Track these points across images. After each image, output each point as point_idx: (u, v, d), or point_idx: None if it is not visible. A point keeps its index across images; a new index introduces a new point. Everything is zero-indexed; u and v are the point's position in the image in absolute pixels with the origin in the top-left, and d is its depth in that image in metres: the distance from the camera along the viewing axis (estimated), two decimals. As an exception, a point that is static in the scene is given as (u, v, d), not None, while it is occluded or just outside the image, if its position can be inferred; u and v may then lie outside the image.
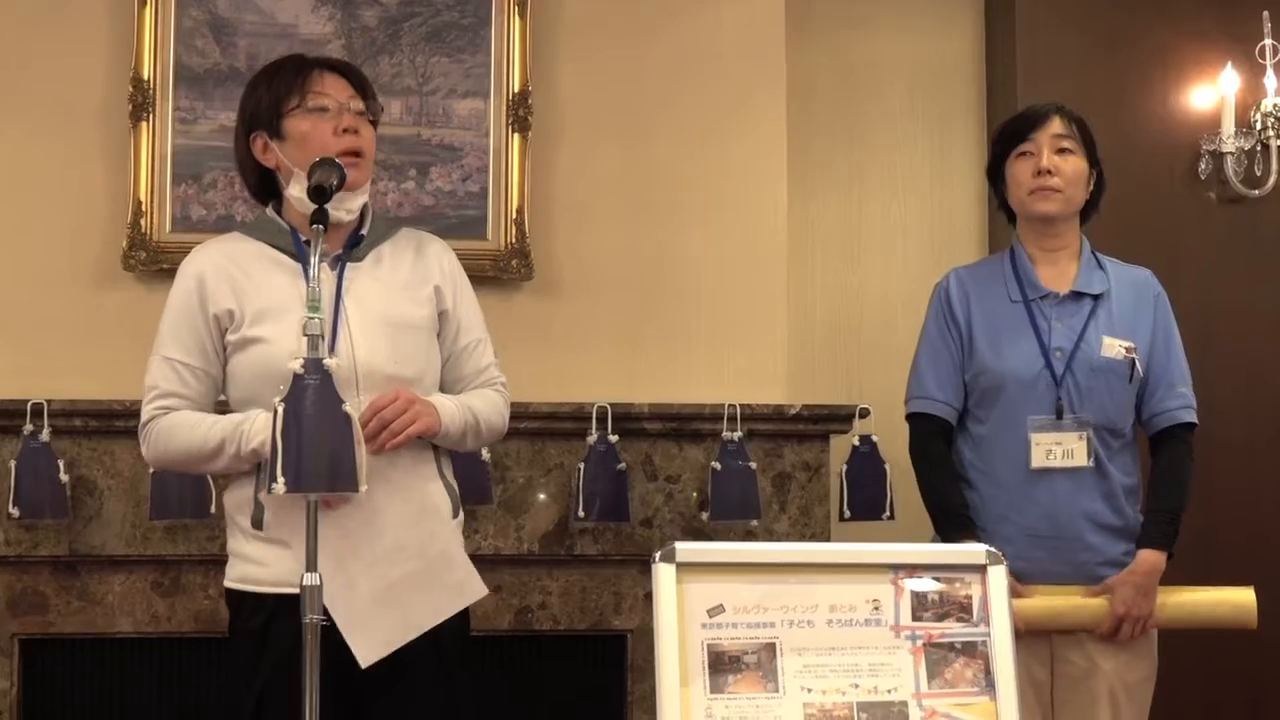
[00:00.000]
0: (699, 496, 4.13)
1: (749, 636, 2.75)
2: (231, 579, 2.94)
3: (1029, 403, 3.34)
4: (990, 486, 3.39)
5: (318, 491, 2.60)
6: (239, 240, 2.99)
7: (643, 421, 4.11)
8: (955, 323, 3.44)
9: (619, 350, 4.22)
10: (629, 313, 4.24)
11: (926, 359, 3.48)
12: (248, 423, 2.81)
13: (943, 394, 3.45)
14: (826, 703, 2.74)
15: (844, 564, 2.84)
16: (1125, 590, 3.31)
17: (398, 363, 2.90)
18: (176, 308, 2.93)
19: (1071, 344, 3.35)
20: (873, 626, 2.79)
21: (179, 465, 3.00)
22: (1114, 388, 3.35)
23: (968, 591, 2.83)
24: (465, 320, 3.05)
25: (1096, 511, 3.35)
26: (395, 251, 3.02)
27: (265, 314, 2.87)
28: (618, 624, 4.12)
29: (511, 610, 4.08)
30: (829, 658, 2.77)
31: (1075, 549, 3.34)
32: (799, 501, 4.18)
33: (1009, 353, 3.37)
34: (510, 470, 4.08)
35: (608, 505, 4.02)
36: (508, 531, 4.08)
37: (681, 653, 2.72)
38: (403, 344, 2.93)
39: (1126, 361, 3.35)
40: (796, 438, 4.18)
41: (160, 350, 2.93)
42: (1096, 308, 3.38)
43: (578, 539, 4.10)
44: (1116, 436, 3.37)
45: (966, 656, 2.80)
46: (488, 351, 3.09)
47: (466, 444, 3.03)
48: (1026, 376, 3.35)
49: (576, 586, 4.12)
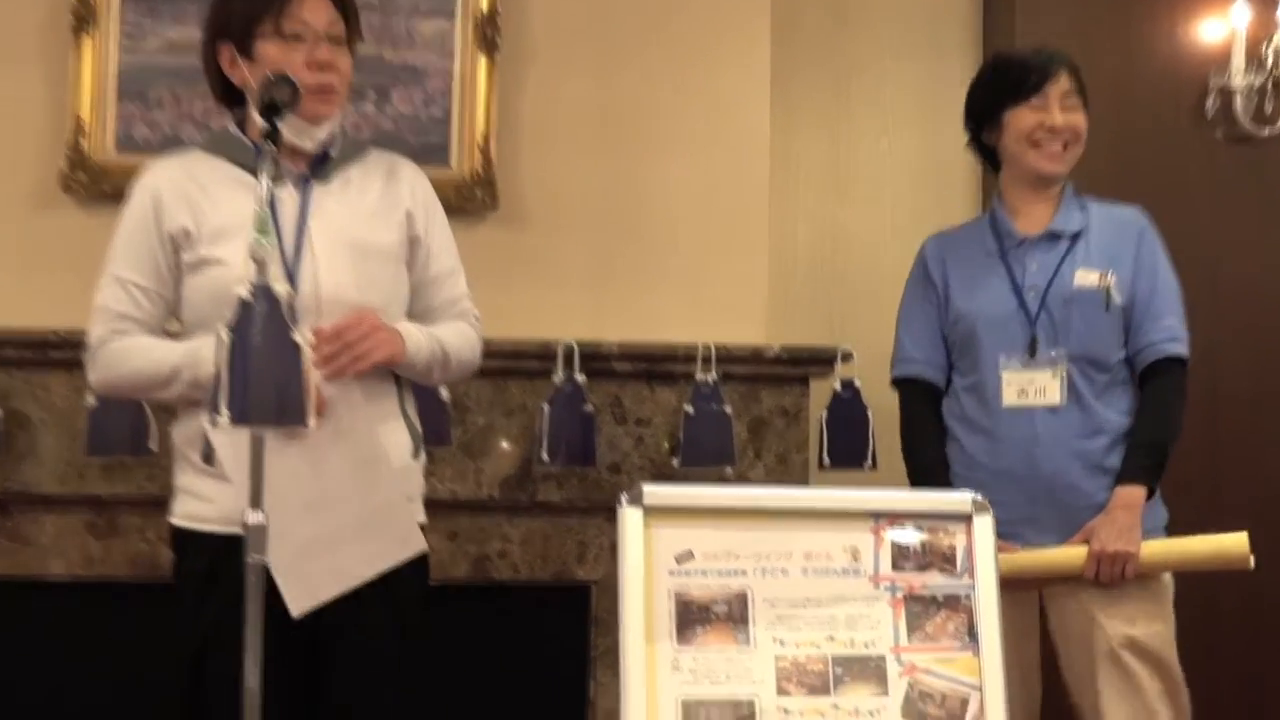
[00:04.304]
0: (670, 441, 4.13)
1: (719, 585, 2.76)
2: (178, 516, 2.94)
3: (1004, 344, 3.39)
4: (969, 433, 3.43)
5: (264, 425, 2.59)
6: (199, 157, 2.98)
7: (612, 361, 4.11)
8: (933, 283, 3.52)
9: (588, 286, 4.21)
10: (599, 247, 4.23)
11: (905, 323, 3.57)
12: (204, 349, 2.78)
13: (921, 352, 3.51)
14: (800, 656, 2.76)
15: (821, 510, 2.85)
16: (1101, 528, 3.32)
17: (362, 290, 2.90)
18: (130, 225, 2.93)
19: (1046, 280, 3.40)
20: (850, 577, 2.81)
21: (127, 391, 3.00)
22: (1090, 317, 3.38)
23: (951, 541, 2.85)
24: (437, 248, 3.05)
25: (1081, 450, 3.36)
26: (365, 174, 3.01)
27: (223, 234, 2.86)
28: (581, 575, 4.13)
29: (469, 558, 4.08)
30: (803, 609, 2.78)
31: (1057, 491, 3.34)
32: (776, 448, 4.19)
33: (981, 296, 3.44)
34: (470, 411, 4.07)
35: (573, 449, 4.03)
36: (466, 475, 4.07)
37: (647, 601, 2.74)
38: (368, 271, 2.92)
39: (1101, 290, 3.38)
40: (774, 381, 4.18)
41: (111, 268, 2.92)
42: (1074, 246, 3.43)
43: (540, 485, 4.10)
44: (1101, 370, 3.39)
45: (949, 610, 2.83)
46: (459, 282, 3.09)
47: (434, 377, 3.04)
48: (999, 316, 3.40)
49: (538, 535, 4.12)
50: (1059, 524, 3.36)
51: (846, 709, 2.76)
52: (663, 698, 2.71)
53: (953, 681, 2.81)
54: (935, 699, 2.80)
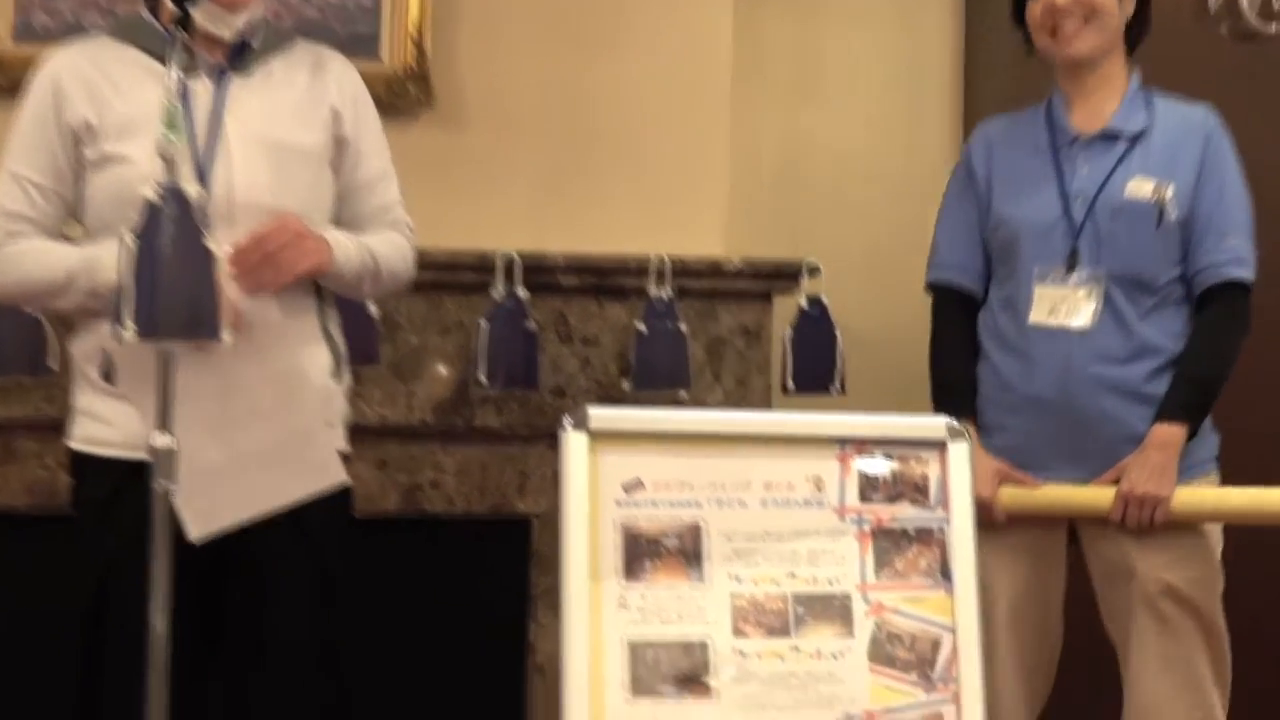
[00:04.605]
0: (620, 363, 4.13)
1: (670, 517, 2.78)
2: (76, 440, 2.93)
3: (1042, 255, 3.36)
4: (1001, 352, 3.40)
5: (172, 340, 2.58)
6: (105, 44, 2.95)
7: (557, 274, 4.10)
8: (975, 178, 3.48)
9: (531, 192, 4.19)
10: (544, 149, 4.20)
11: (942, 222, 3.55)
12: (104, 255, 2.76)
13: (956, 256, 3.49)
14: (758, 594, 2.78)
15: (783, 436, 2.87)
16: (1132, 468, 3.29)
17: (281, 194, 2.88)
18: (28, 117, 2.90)
19: (1096, 187, 3.35)
20: (814, 508, 2.83)
21: (19, 300, 3.00)
22: (1139, 234, 3.33)
23: (924, 470, 2.88)
24: (367, 150, 3.04)
25: (1119, 377, 3.31)
26: (288, 68, 2.99)
27: (129, 128, 2.84)
28: (522, 507, 4.13)
29: (399, 489, 4.08)
30: (762, 543, 2.80)
31: (1091, 421, 3.31)
32: (735, 370, 4.19)
33: (1026, 201, 3.40)
34: (401, 328, 4.06)
35: (514, 371, 4.01)
36: (396, 399, 4.06)
37: (592, 534, 2.76)
38: (288, 172, 2.90)
39: (1154, 203, 3.33)
40: (735, 297, 4.17)
41: (7, 164, 2.90)
42: (1132, 149, 3.38)
43: (478, 409, 4.09)
44: (1148, 292, 3.34)
45: (920, 544, 2.86)
46: (391, 188, 3.08)
47: (363, 289, 3.03)
48: (1042, 225, 3.36)
49: (475, 463, 4.12)
50: (1093, 457, 3.33)
51: (808, 651, 2.78)
52: (608, 638, 2.73)
53: (923, 622, 2.83)
54: (904, 641, 2.82)
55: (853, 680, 2.80)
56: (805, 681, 2.79)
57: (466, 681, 4.18)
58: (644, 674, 2.74)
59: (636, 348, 4.08)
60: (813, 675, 2.79)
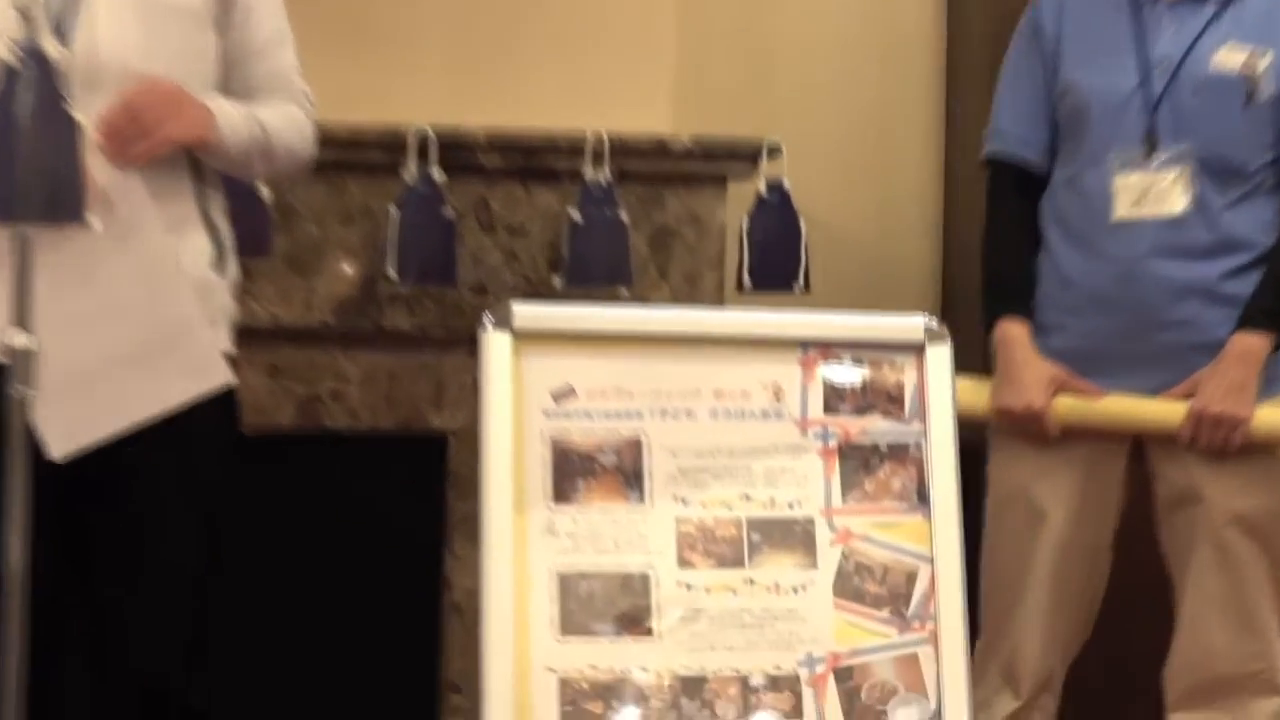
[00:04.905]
0: (551, 256, 4.15)
1: (606, 429, 2.79)
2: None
3: (1116, 132, 3.35)
4: (1063, 242, 3.41)
5: (30, 222, 2.57)
6: None
7: (478, 154, 4.10)
8: (1043, 38, 3.47)
9: (448, 58, 4.19)
10: (464, 9, 4.20)
11: (1004, 86, 3.54)
12: None
13: (1018, 126, 3.49)
14: (707, 518, 2.79)
15: (737, 338, 2.87)
16: (1207, 382, 3.30)
17: (151, 55, 2.88)
18: None
19: (1179, 55, 3.35)
20: (772, 420, 2.84)
21: None
22: (1226, 110, 3.33)
23: (899, 378, 2.89)
24: (259, 8, 3.03)
25: (1199, 275, 3.31)
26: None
27: None
28: (437, 422, 4.16)
29: (295, 401, 4.10)
30: (712, 460, 2.81)
31: (1164, 325, 3.32)
32: (684, 266, 4.22)
33: (1100, 67, 3.39)
34: (298, 215, 4.06)
35: (428, 264, 4.02)
36: (292, 296, 4.07)
37: (517, 450, 2.76)
38: (161, 31, 2.90)
39: (1245, 75, 3.32)
40: (683, 181, 4.19)
41: None
42: (1223, 11, 3.36)
43: (386, 308, 4.11)
44: (1235, 179, 3.34)
45: (894, 462, 2.87)
46: (287, 52, 3.08)
47: (253, 169, 3.03)
48: (1116, 95, 3.36)
49: (383, 372, 4.14)
50: (1163, 365, 3.33)
51: (764, 584, 2.80)
52: (534, 569, 2.74)
53: (897, 551, 2.86)
54: (875, 573, 2.85)
55: (815, 618, 2.82)
56: (761, 619, 2.80)
57: (373, 622, 4.21)
58: (576, 610, 2.75)
59: (570, 239, 4.10)
60: (769, 612, 2.81)
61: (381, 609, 4.22)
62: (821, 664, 2.80)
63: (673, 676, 2.75)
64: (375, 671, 4.23)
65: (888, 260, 3.63)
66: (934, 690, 2.84)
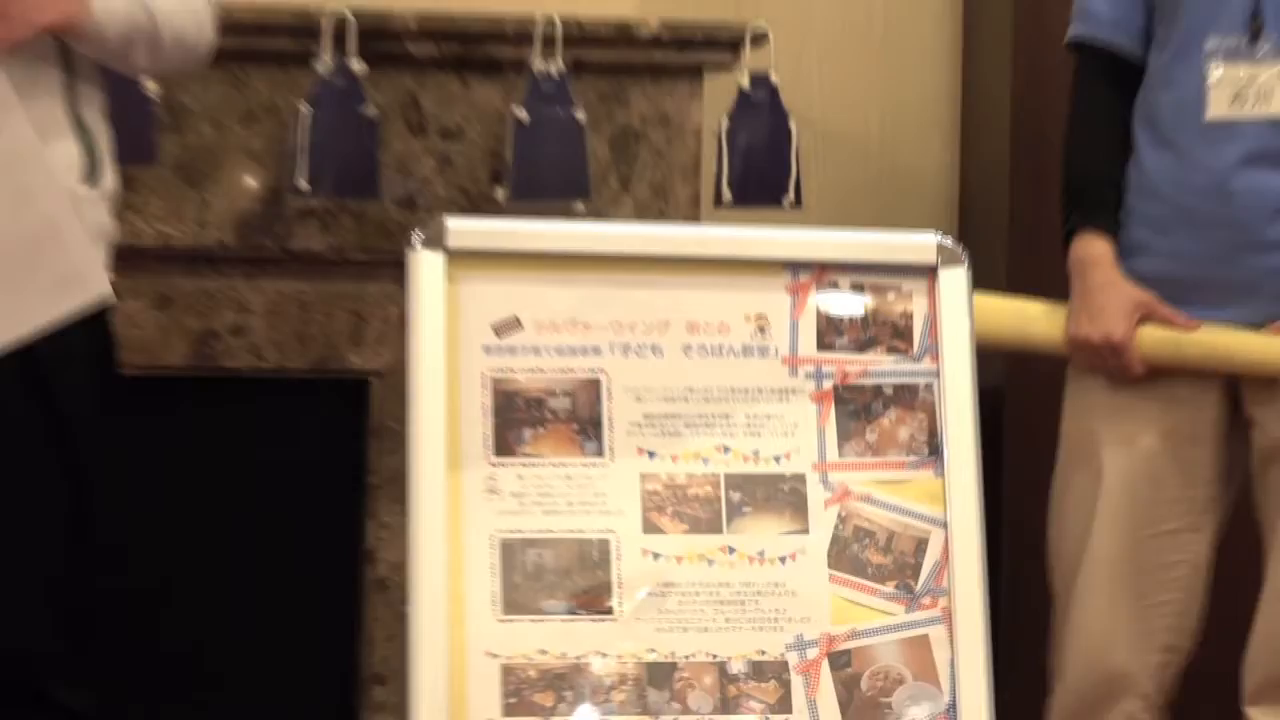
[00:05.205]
0: (493, 164, 4.16)
1: (559, 369, 2.79)
2: None
3: (1216, 15, 3.33)
4: (1152, 144, 3.41)
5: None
6: None
7: (405, 41, 4.12)
8: None
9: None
10: None
11: None
12: None
13: (1110, 9, 3.46)
14: (678, 474, 2.80)
15: (714, 259, 2.87)
16: None
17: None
18: None
19: None
20: (755, 358, 2.84)
21: None
22: None
23: (906, 307, 2.89)
24: None
25: None
26: None
27: None
28: (357, 362, 4.18)
29: (188, 337, 4.11)
30: (684, 405, 2.82)
31: (1263, 245, 3.32)
32: (652, 175, 4.24)
33: None
34: (191, 116, 4.08)
35: (346, 174, 4.03)
36: (184, 211, 4.08)
37: (451, 394, 2.76)
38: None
39: None
40: (651, 74, 4.21)
41: None
42: None
43: (296, 226, 4.12)
44: None
45: (901, 408, 2.88)
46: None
47: (135, 60, 2.99)
48: None
49: (292, 302, 4.16)
50: (1265, 295, 3.34)
51: (747, 553, 2.80)
52: (472, 537, 2.74)
53: (904, 513, 2.86)
54: (878, 539, 2.84)
55: (807, 593, 2.81)
56: (742, 595, 2.80)
57: (280, 602, 4.24)
58: (522, 585, 2.74)
59: (516, 143, 4.09)
60: (752, 587, 2.80)
61: (291, 587, 4.25)
62: (814, 648, 2.80)
63: (637, 663, 2.75)
64: (284, 660, 4.26)
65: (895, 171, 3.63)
66: (948, 678, 2.83)
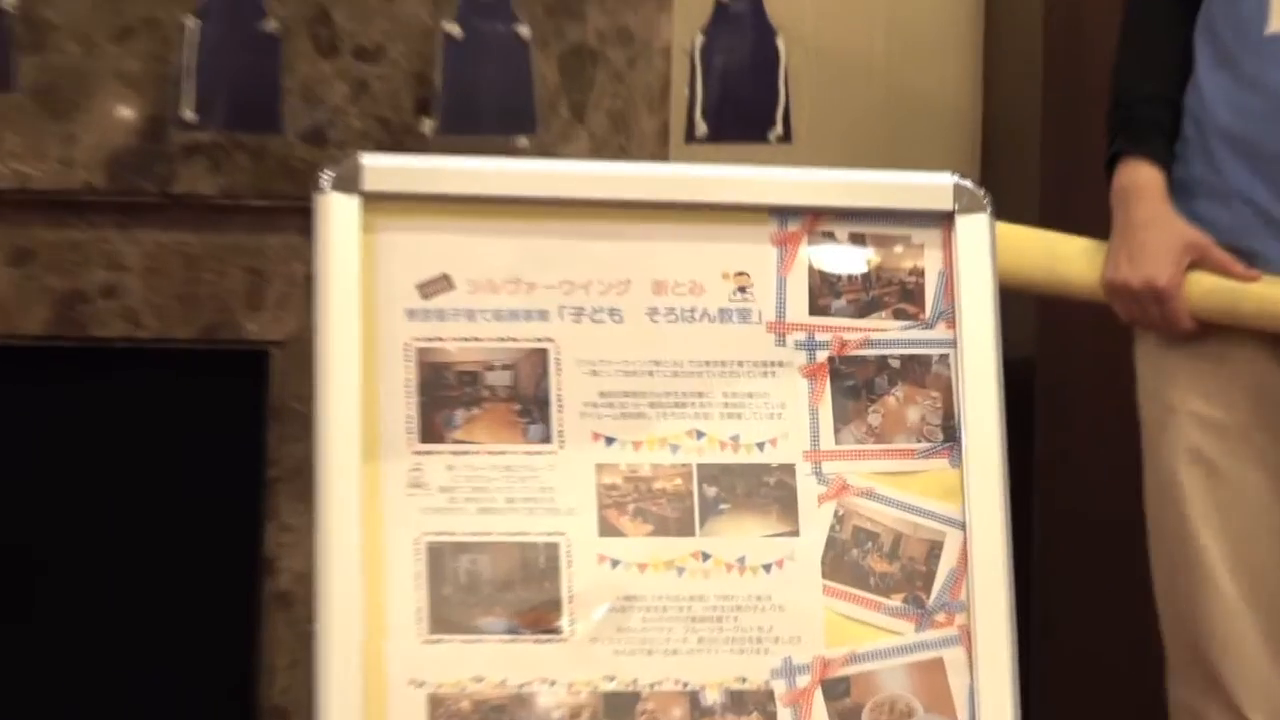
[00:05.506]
0: (419, 90, 4.18)
1: (497, 337, 2.78)
2: None
3: None
4: (1211, 66, 3.44)
5: None
6: None
7: (312, -57, 4.13)
8: None
9: None
10: None
11: None
12: None
13: None
14: (641, 465, 2.79)
15: (684, 204, 2.86)
16: None
17: None
18: None
19: None
20: (735, 323, 2.84)
21: None
22: None
23: (916, 262, 2.89)
24: None
25: None
26: None
27: None
28: (254, 330, 4.19)
29: (51, 299, 4.12)
30: (648, 381, 2.81)
31: None
32: (611, 103, 4.26)
33: None
34: (55, 33, 4.09)
35: (242, 102, 4.01)
36: (46, 147, 4.10)
37: (367, 367, 2.74)
38: None
39: None
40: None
41: None
42: None
43: (181, 166, 4.13)
44: None
45: (910, 384, 2.87)
46: None
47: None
48: None
49: (177, 257, 4.16)
50: None
51: (724, 559, 2.77)
52: (393, 540, 2.71)
53: (914, 512, 2.84)
54: (882, 543, 2.83)
55: (797, 608, 2.80)
56: (719, 610, 2.78)
57: (162, 619, 4.25)
58: (453, 598, 2.72)
59: (446, 64, 4.07)
60: (731, 601, 2.79)
61: (175, 601, 4.26)
62: (805, 674, 2.78)
63: (592, 692, 2.72)
64: (168, 689, 4.27)
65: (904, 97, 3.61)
66: (966, 710, 2.81)
